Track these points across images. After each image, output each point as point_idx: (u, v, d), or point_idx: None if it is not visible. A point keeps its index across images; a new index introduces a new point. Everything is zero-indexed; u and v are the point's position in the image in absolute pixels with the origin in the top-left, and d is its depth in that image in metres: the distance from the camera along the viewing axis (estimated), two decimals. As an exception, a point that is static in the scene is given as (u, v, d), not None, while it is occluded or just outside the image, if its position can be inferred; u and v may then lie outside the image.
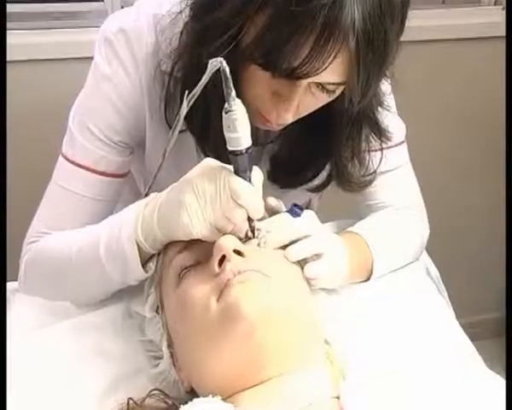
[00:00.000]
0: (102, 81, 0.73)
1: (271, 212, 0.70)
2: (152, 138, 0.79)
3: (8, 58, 0.92)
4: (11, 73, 0.93)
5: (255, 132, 0.60)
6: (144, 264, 0.68)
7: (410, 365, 0.65)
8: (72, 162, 0.75)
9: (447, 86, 1.40)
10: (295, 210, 0.69)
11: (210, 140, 0.71)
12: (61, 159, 0.77)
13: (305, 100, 0.66)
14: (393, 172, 0.85)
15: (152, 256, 0.69)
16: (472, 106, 1.43)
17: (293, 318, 0.58)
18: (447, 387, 0.56)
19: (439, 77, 1.40)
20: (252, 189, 0.61)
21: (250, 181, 0.61)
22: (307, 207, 0.89)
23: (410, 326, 0.73)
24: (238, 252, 0.60)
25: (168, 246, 0.67)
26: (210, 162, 0.62)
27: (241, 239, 0.64)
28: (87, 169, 0.75)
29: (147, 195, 0.70)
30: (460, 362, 0.67)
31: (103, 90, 0.73)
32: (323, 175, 0.82)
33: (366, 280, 0.80)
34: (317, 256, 0.69)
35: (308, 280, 0.68)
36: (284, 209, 0.71)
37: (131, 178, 0.93)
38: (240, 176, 0.60)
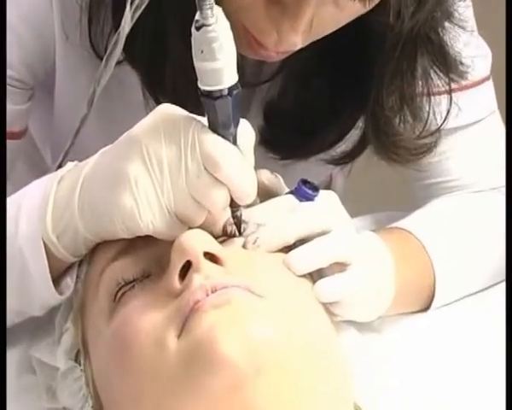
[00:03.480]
0: None
1: (266, 193, 0.74)
2: (67, 74, 0.83)
3: None
4: None
5: (240, 65, 0.63)
6: (57, 279, 0.72)
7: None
8: None
9: None
10: (305, 191, 0.72)
11: (166, 77, 0.75)
12: None
13: (324, 12, 0.70)
14: (471, 130, 0.90)
15: (69, 267, 0.73)
16: None
17: (303, 365, 0.61)
18: None
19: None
20: (238, 155, 0.64)
21: (235, 142, 0.64)
22: (326, 189, 0.90)
23: (491, 389, 0.77)
24: (213, 257, 0.63)
25: (97, 249, 0.71)
26: (169, 111, 0.65)
27: (217, 237, 0.67)
28: None
29: (60, 167, 0.74)
30: None
31: None
32: (353, 137, 0.86)
33: (423, 310, 0.85)
34: (341, 267, 0.72)
35: (328, 306, 0.71)
36: (286, 190, 0.75)
37: (29, 142, 0.97)
38: (219, 134, 0.63)
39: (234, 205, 0.68)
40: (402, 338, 0.83)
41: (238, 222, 0.69)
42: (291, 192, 0.74)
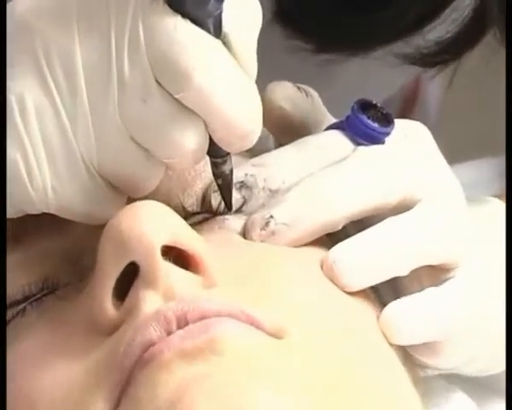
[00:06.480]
0: None
1: (285, 128, 0.73)
2: None
3: None
4: None
5: None
6: None
7: None
8: None
9: None
10: (365, 123, 0.70)
11: None
12: None
13: None
14: None
15: None
16: None
17: None
18: None
19: None
20: (224, 56, 0.61)
21: (219, 32, 0.61)
22: (405, 116, 0.88)
23: None
24: (180, 256, 0.59)
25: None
26: None
27: (189, 216, 0.66)
28: None
29: None
30: None
31: None
32: (459, 12, 0.82)
33: None
34: (437, 274, 0.69)
35: (408, 350, 0.68)
36: (329, 120, 0.73)
37: None
38: (185, 15, 0.60)
39: (217, 154, 0.63)
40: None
41: (226, 187, 0.65)
42: (338, 126, 0.70)
